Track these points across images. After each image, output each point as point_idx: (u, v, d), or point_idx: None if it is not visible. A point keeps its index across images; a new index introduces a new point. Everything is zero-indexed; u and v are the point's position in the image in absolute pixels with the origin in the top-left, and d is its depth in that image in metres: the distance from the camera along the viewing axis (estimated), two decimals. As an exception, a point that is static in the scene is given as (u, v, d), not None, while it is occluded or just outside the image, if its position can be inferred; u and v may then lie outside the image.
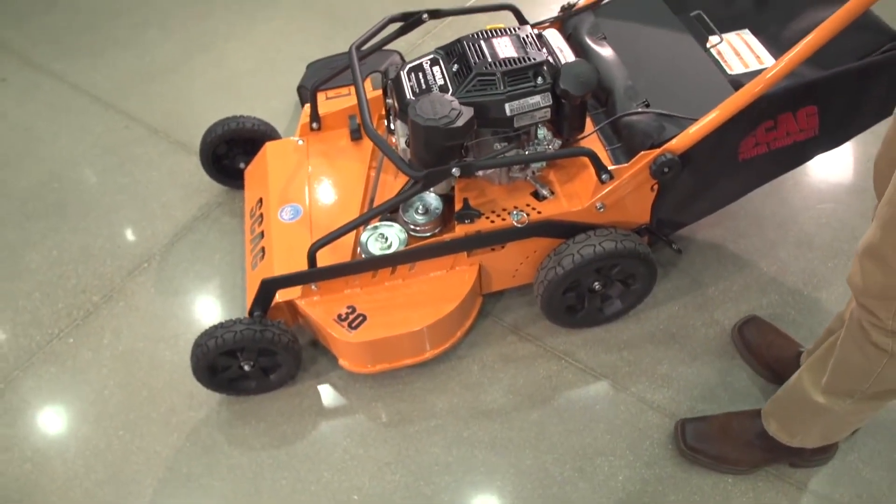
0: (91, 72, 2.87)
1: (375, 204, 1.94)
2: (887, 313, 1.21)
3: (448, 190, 1.86)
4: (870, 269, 1.19)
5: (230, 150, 2.25)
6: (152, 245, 2.25)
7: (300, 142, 2.15)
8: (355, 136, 2.13)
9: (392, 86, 1.78)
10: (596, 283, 1.85)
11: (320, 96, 2.13)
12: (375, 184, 2.01)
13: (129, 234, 2.29)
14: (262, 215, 1.98)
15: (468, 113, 1.60)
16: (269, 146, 2.14)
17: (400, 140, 1.82)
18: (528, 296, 1.99)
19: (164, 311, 2.09)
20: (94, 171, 2.49)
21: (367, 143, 2.09)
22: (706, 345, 1.94)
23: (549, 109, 1.69)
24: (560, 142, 1.78)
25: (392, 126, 1.89)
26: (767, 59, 1.83)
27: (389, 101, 1.84)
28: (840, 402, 1.44)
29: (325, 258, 1.73)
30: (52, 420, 1.89)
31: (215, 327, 1.71)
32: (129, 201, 2.38)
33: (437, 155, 1.64)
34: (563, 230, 1.78)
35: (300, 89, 2.59)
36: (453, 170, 1.62)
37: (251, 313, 1.74)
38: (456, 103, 1.60)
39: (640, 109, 1.76)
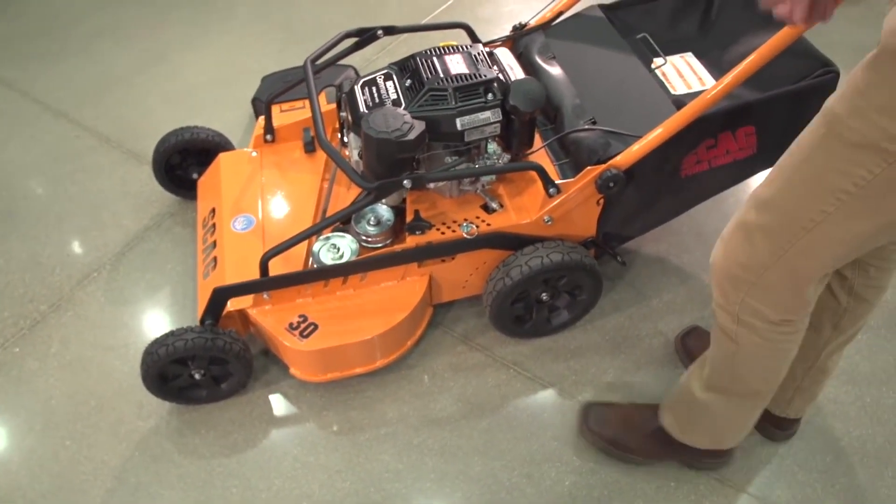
0: (43, 80, 2.85)
1: (328, 215, 1.97)
2: (736, 295, 1.29)
3: (399, 202, 1.90)
4: (735, 245, 1.27)
5: (183, 161, 2.25)
6: (103, 254, 2.24)
7: (254, 153, 2.17)
8: (309, 148, 2.16)
9: (346, 99, 1.82)
10: (544, 294, 1.90)
11: (275, 109, 2.15)
12: (328, 195, 2.04)
13: (79, 244, 2.28)
14: (214, 225, 1.99)
15: (420, 126, 1.64)
16: (222, 157, 2.15)
17: (353, 152, 1.85)
18: (478, 306, 2.02)
19: (113, 320, 2.08)
20: (43, 180, 2.47)
21: (321, 156, 2.12)
22: (651, 354, 2.00)
23: (498, 125, 1.74)
24: (509, 156, 1.83)
25: (346, 139, 1.92)
26: (709, 81, 1.91)
27: (343, 114, 1.88)
28: (716, 400, 1.51)
29: (277, 268, 1.75)
30: (-4, 430, 1.87)
31: (166, 335, 1.72)
32: (79, 210, 2.37)
33: (389, 167, 1.67)
34: (511, 242, 1.83)
35: (255, 101, 2.61)
36: (405, 182, 1.66)
37: (202, 322, 1.75)
38: (408, 117, 1.64)
39: (586, 126, 1.82)
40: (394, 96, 1.74)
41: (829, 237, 1.16)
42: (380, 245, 1.87)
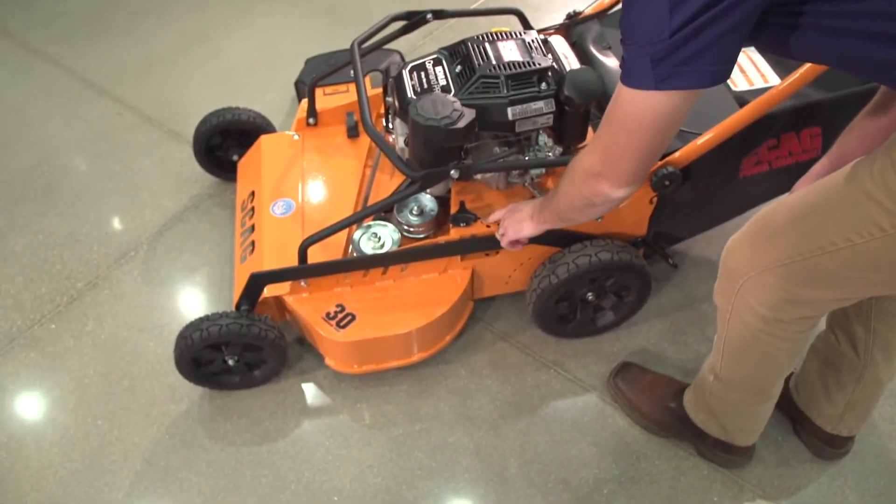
0: (86, 57, 2.83)
1: (369, 203, 1.92)
2: (735, 283, 1.31)
3: (444, 192, 1.84)
4: (753, 237, 1.29)
5: (224, 142, 2.22)
6: (141, 234, 2.22)
7: (296, 136, 2.12)
8: (352, 133, 2.11)
9: (393, 84, 1.76)
10: (589, 294, 1.83)
11: (318, 92, 2.11)
12: (370, 182, 1.99)
13: (118, 222, 2.26)
14: (253, 208, 1.95)
15: (470, 115, 1.58)
16: (263, 139, 2.11)
17: (398, 139, 1.80)
18: (520, 303, 1.95)
19: (149, 300, 2.05)
20: (84, 157, 2.46)
21: (364, 141, 2.07)
22: (697, 361, 1.92)
23: (551, 115, 1.67)
24: (560, 149, 1.76)
25: (391, 125, 1.87)
26: (773, 79, 1.82)
27: (389, 99, 1.82)
28: (718, 387, 1.52)
29: (316, 255, 1.70)
30: (29, 406, 1.85)
31: (201, 319, 1.68)
32: (118, 189, 2.35)
33: (436, 155, 1.61)
34: (559, 239, 1.76)
35: (298, 84, 2.57)
36: (451, 171, 1.60)
37: (238, 307, 1.71)
38: (458, 104, 1.58)
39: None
40: (443, 82, 1.68)
41: (846, 264, 1.13)
42: (422, 236, 1.82)
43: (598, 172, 1.21)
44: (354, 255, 1.77)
